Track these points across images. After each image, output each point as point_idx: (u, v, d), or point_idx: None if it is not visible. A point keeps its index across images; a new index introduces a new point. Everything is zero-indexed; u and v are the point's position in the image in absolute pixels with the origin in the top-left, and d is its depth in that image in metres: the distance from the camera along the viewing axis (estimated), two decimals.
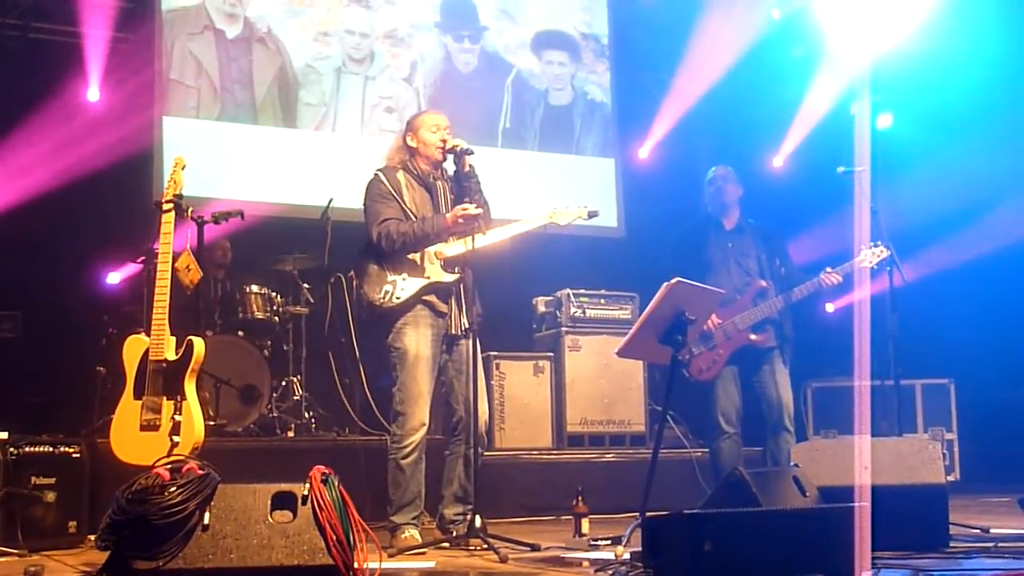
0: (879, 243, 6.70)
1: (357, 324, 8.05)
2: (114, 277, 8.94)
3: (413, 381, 5.73)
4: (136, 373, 5.24)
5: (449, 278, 5.82)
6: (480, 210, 5.71)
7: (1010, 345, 9.57)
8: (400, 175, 5.92)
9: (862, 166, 6.56)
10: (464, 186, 5.87)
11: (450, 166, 6.02)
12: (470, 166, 5.88)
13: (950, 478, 7.59)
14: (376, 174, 5.95)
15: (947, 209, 9.50)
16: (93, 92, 9.32)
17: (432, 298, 5.80)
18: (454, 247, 5.79)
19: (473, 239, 5.66)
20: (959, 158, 9.53)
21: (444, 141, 5.89)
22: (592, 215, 6.03)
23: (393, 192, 5.85)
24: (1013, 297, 9.57)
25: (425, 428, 5.74)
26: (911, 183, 9.08)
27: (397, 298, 5.75)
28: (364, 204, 5.92)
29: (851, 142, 6.91)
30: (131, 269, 8.43)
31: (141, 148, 9.22)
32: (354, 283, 6.10)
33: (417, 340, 5.75)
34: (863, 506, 3.88)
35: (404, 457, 5.68)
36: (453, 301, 5.84)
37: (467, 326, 5.84)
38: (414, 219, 5.79)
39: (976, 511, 6.70)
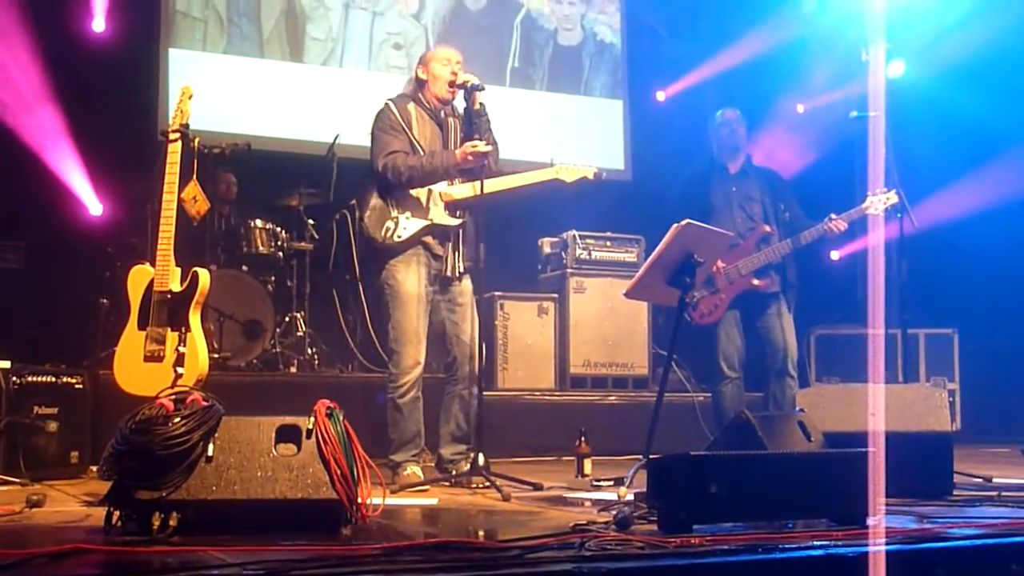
0: (888, 189, 6.65)
1: (361, 261, 8.03)
2: (97, 208, 8.84)
3: (406, 319, 5.70)
4: (140, 304, 5.21)
5: (452, 222, 5.76)
6: (490, 147, 5.65)
7: (1013, 295, 9.54)
8: (411, 107, 5.83)
9: (876, 111, 6.50)
10: (474, 123, 5.76)
11: (460, 104, 5.91)
12: (480, 103, 5.76)
13: (952, 428, 7.58)
14: (386, 104, 5.85)
15: (954, 157, 9.44)
16: (98, 22, 9.19)
17: (430, 239, 5.76)
18: (461, 190, 5.74)
19: (481, 184, 5.59)
20: (968, 106, 9.46)
21: (455, 74, 5.79)
22: (598, 176, 5.88)
23: (403, 123, 5.77)
24: (1018, 247, 9.51)
25: (420, 367, 5.71)
26: (920, 131, 9.00)
27: (398, 236, 5.70)
28: (372, 133, 5.85)
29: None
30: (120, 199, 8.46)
31: (147, 80, 9.16)
32: (357, 214, 6.05)
33: (409, 278, 5.71)
34: (875, 452, 3.86)
35: (400, 396, 5.68)
36: (451, 245, 5.79)
37: (462, 270, 5.81)
38: (422, 153, 5.72)
39: (977, 461, 6.70)
